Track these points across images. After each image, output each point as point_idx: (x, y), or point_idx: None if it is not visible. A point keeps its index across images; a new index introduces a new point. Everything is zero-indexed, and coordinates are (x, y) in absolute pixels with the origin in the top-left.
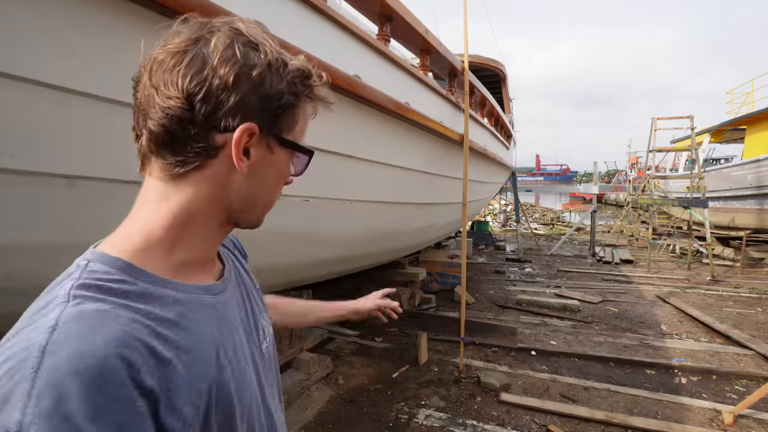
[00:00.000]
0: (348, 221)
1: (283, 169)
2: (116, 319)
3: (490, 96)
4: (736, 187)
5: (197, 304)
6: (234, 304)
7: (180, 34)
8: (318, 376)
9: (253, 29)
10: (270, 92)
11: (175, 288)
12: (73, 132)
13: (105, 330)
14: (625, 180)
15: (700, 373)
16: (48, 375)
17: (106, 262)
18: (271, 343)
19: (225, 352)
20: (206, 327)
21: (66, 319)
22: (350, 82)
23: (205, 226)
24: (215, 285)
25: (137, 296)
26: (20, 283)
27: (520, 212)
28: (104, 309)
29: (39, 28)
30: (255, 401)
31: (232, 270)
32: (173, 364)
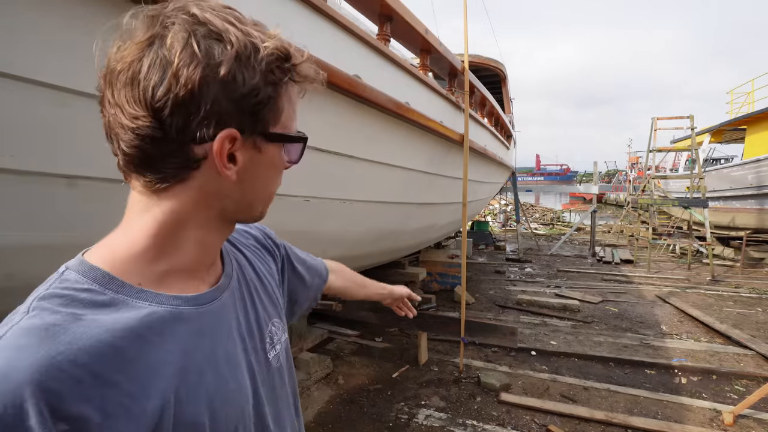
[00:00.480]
0: (348, 221)
1: (276, 163)
2: (60, 336)
3: (490, 96)
4: (736, 187)
5: (171, 317)
6: (227, 313)
7: (134, 34)
8: (318, 376)
9: (212, 12)
10: (244, 90)
11: (148, 299)
12: (73, 132)
13: (37, 350)
14: (625, 180)
15: (700, 373)
16: None
17: (81, 271)
18: (282, 350)
19: (198, 367)
20: (175, 341)
21: (11, 334)
22: (350, 82)
23: (198, 232)
24: (202, 295)
25: (102, 306)
26: (20, 283)
27: (520, 212)
28: (54, 323)
29: (39, 28)
30: (240, 417)
31: (234, 273)
32: (119, 385)
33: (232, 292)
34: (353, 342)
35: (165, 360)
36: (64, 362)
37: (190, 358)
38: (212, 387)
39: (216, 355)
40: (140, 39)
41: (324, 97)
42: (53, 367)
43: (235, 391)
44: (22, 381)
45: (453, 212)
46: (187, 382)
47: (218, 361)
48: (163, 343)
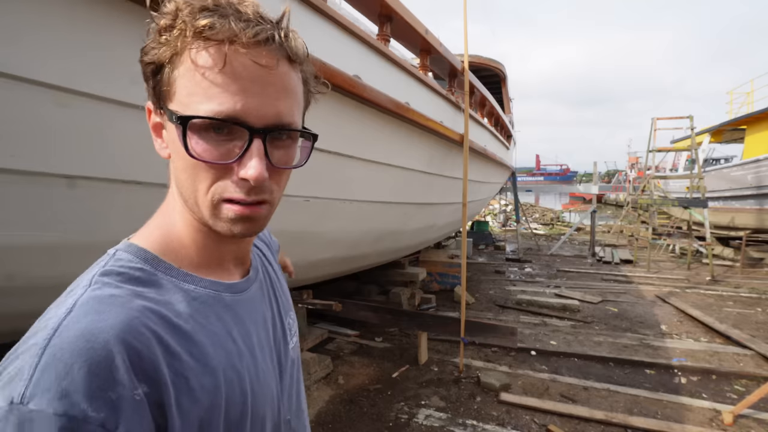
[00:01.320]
0: (348, 221)
1: (178, 150)
2: (128, 305)
3: (490, 96)
4: (735, 187)
5: (215, 301)
6: (258, 304)
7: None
8: (318, 376)
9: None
10: (142, 56)
11: (194, 282)
12: (73, 132)
13: (114, 315)
14: (625, 180)
15: (699, 373)
16: (53, 352)
17: (132, 252)
18: (297, 342)
19: (239, 350)
20: (221, 324)
21: (82, 302)
22: (350, 83)
23: (196, 225)
24: (237, 284)
25: (154, 286)
26: (20, 283)
27: (520, 212)
28: (119, 295)
29: (39, 28)
30: (271, 401)
31: (259, 267)
32: (181, 357)
33: (260, 284)
34: (353, 342)
35: (213, 341)
36: (140, 326)
37: (233, 341)
38: (252, 370)
39: (252, 341)
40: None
41: (324, 98)
42: (133, 328)
43: (268, 375)
44: (110, 338)
45: (453, 212)
46: (233, 363)
47: (253, 347)
48: (209, 324)
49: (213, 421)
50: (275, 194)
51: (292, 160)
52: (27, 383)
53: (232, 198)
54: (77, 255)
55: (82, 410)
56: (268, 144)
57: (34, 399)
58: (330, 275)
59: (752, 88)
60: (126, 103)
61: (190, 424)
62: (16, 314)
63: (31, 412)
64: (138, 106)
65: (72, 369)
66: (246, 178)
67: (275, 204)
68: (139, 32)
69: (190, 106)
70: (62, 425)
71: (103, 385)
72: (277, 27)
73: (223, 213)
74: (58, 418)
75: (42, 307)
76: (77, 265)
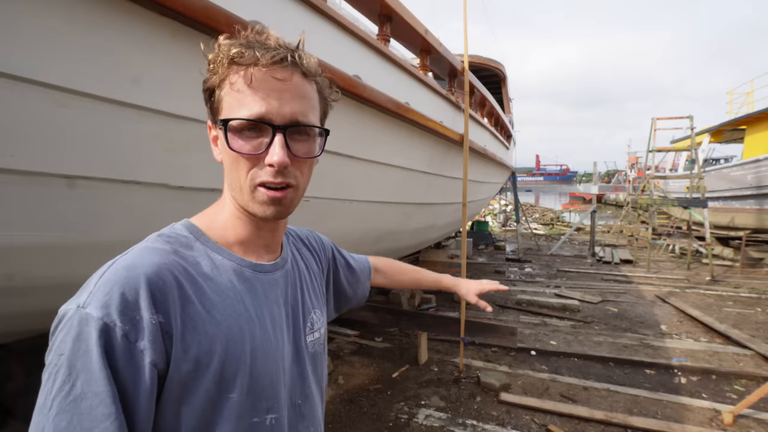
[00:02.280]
0: (348, 221)
1: (226, 149)
2: (165, 256)
3: (490, 96)
4: (735, 187)
5: (234, 273)
6: (279, 287)
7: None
8: None
9: (240, 37)
10: (203, 85)
11: (222, 254)
12: (73, 132)
13: (150, 259)
14: (625, 180)
15: (699, 373)
16: (107, 276)
17: (184, 225)
18: (319, 339)
19: (248, 316)
20: (235, 291)
21: (137, 248)
22: (350, 83)
23: (232, 210)
24: (262, 264)
25: (191, 249)
26: (20, 283)
27: (520, 212)
28: (161, 248)
29: (39, 28)
30: (276, 374)
31: (289, 260)
32: (194, 303)
33: (286, 273)
34: (353, 342)
35: (224, 301)
36: (168, 271)
37: (243, 307)
38: (258, 338)
39: (263, 315)
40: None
41: None
42: (160, 270)
43: (276, 349)
44: (141, 273)
45: (453, 212)
46: (239, 325)
47: (265, 320)
48: (225, 288)
49: (211, 364)
50: (299, 180)
51: (310, 151)
52: (89, 294)
53: (264, 181)
54: (77, 255)
55: (113, 320)
56: (288, 138)
57: (89, 306)
58: None
59: (752, 88)
60: (126, 104)
61: (189, 357)
62: (16, 314)
63: (86, 314)
64: (138, 107)
65: (113, 290)
66: (272, 164)
67: (300, 190)
68: (140, 33)
69: (230, 115)
70: (100, 327)
71: (131, 306)
72: (292, 50)
73: (258, 196)
74: (98, 321)
75: (42, 307)
76: (77, 265)
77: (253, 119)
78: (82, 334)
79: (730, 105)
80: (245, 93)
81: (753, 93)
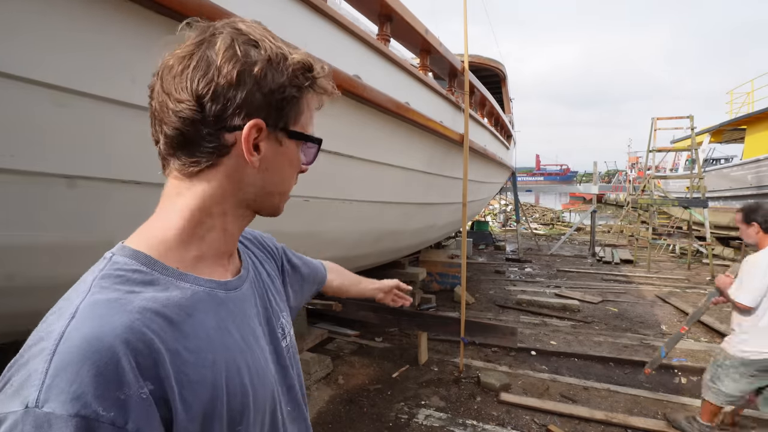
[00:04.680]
0: (348, 221)
1: (293, 159)
2: (128, 307)
3: (490, 96)
4: (736, 187)
5: (209, 298)
6: (250, 301)
7: (186, 39)
8: (318, 376)
9: (254, 28)
10: (273, 86)
11: (188, 280)
12: (73, 132)
13: (115, 318)
14: (625, 180)
15: (700, 373)
16: (62, 358)
17: (128, 255)
18: (291, 341)
19: (239, 345)
20: (218, 320)
21: (84, 307)
22: (350, 82)
23: (222, 219)
24: (230, 281)
25: (151, 286)
26: (20, 283)
27: (520, 212)
28: (118, 298)
29: (39, 28)
30: (270, 394)
31: (250, 266)
32: (181, 353)
33: (251, 283)
34: (353, 342)
35: (211, 335)
36: (141, 326)
37: (230, 336)
38: (252, 364)
39: (248, 336)
40: (192, 41)
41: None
42: (135, 329)
43: (267, 371)
44: (115, 340)
45: (453, 212)
46: (234, 357)
47: (250, 342)
48: (206, 320)
49: (216, 412)
50: None
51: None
52: (40, 388)
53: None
54: (77, 255)
55: (94, 410)
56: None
57: (48, 402)
58: None
59: (752, 88)
60: (126, 103)
61: (194, 416)
62: (16, 314)
63: (47, 414)
64: (138, 107)
65: (81, 372)
66: (306, 170)
67: None
68: (140, 33)
69: (307, 130)
70: (77, 425)
71: (111, 386)
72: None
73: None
74: (72, 419)
75: (42, 307)
76: (77, 265)
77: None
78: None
79: (731, 105)
80: (312, 112)
81: (753, 93)
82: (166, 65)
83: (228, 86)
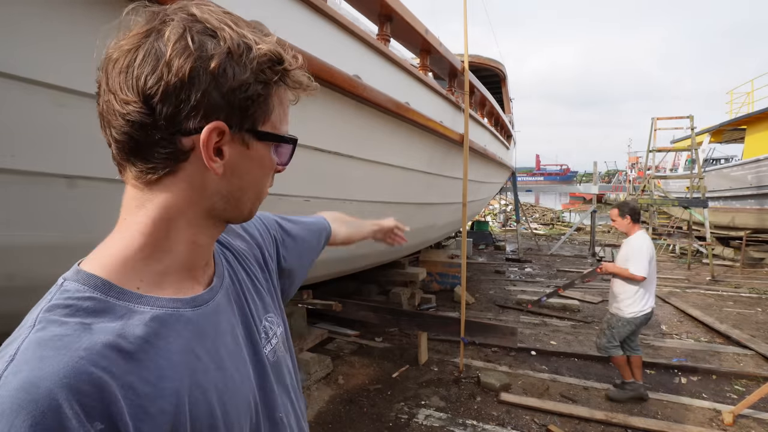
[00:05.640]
0: None
1: (264, 162)
2: (73, 345)
3: (490, 96)
4: (736, 187)
5: (173, 319)
6: (225, 312)
7: (133, 27)
8: (318, 376)
9: (211, 13)
10: (233, 84)
11: (149, 303)
12: (73, 132)
13: (57, 360)
14: (625, 180)
15: (700, 373)
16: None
17: (80, 280)
18: (279, 344)
19: (204, 366)
20: (181, 342)
21: (24, 348)
22: (350, 82)
23: (189, 231)
24: (199, 296)
25: (105, 314)
26: (21, 283)
27: (520, 212)
28: (65, 334)
29: (39, 28)
30: (247, 410)
31: (226, 272)
32: (135, 387)
33: (226, 292)
34: (353, 342)
35: (173, 361)
36: (87, 366)
37: (196, 358)
38: (221, 383)
39: (219, 353)
40: (138, 31)
41: (324, 98)
42: (78, 370)
43: (241, 385)
44: (53, 386)
45: (453, 212)
46: (197, 381)
47: (222, 358)
48: (168, 345)
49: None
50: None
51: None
52: None
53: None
54: (77, 255)
55: None
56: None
57: None
58: (330, 275)
59: (752, 88)
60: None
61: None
62: (16, 314)
63: None
64: None
65: (16, 424)
66: (281, 170)
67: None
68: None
69: (281, 130)
70: None
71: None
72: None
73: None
74: None
75: None
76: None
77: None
78: None
79: (731, 105)
80: (286, 108)
81: (753, 93)
82: (111, 58)
83: (180, 85)
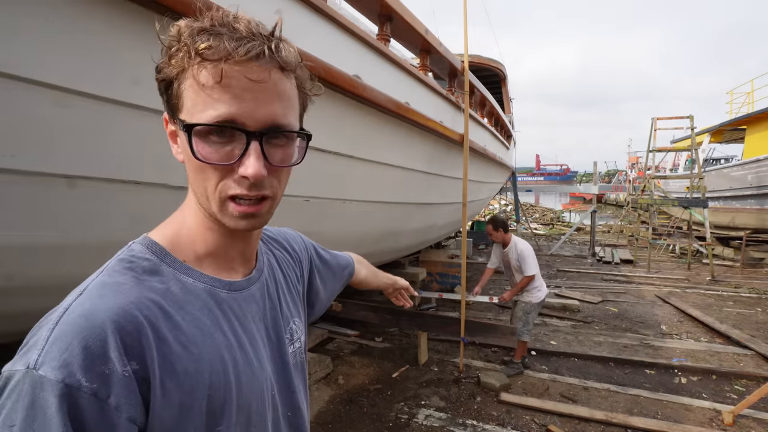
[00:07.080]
0: (348, 221)
1: (188, 154)
2: (129, 291)
3: (490, 96)
4: (736, 187)
5: (208, 295)
6: (256, 303)
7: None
8: (318, 376)
9: (204, 20)
10: (156, 74)
11: (192, 276)
12: (73, 132)
13: (112, 299)
14: (625, 180)
15: (700, 373)
16: (61, 329)
17: (145, 244)
18: (300, 348)
19: (228, 342)
20: (211, 317)
21: (92, 287)
22: (350, 82)
23: (199, 219)
24: (236, 282)
25: (157, 275)
26: (20, 283)
27: (520, 212)
28: (123, 282)
29: (40, 28)
30: (260, 397)
31: (265, 269)
32: (169, 342)
33: (262, 286)
34: (353, 342)
35: (203, 331)
36: (134, 311)
37: (222, 333)
38: (241, 363)
39: (242, 336)
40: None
41: (324, 98)
42: (127, 312)
43: (258, 371)
44: (105, 319)
45: (453, 212)
46: (221, 354)
47: (244, 342)
48: (200, 316)
49: (195, 404)
50: (276, 190)
51: (289, 158)
52: (40, 352)
53: (235, 194)
54: (77, 255)
55: (78, 380)
56: (265, 144)
57: (43, 366)
58: None
59: (752, 88)
60: (127, 104)
61: (171, 403)
62: (16, 314)
63: (41, 377)
64: (138, 107)
65: (72, 344)
66: (246, 176)
67: (277, 199)
68: (140, 33)
69: (194, 115)
70: (61, 391)
71: (97, 360)
72: (269, 40)
73: (229, 211)
74: (58, 384)
75: (42, 307)
76: (77, 265)
77: (222, 123)
78: (37, 401)
79: (731, 105)
80: (213, 90)
81: (753, 93)
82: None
83: (156, 74)
